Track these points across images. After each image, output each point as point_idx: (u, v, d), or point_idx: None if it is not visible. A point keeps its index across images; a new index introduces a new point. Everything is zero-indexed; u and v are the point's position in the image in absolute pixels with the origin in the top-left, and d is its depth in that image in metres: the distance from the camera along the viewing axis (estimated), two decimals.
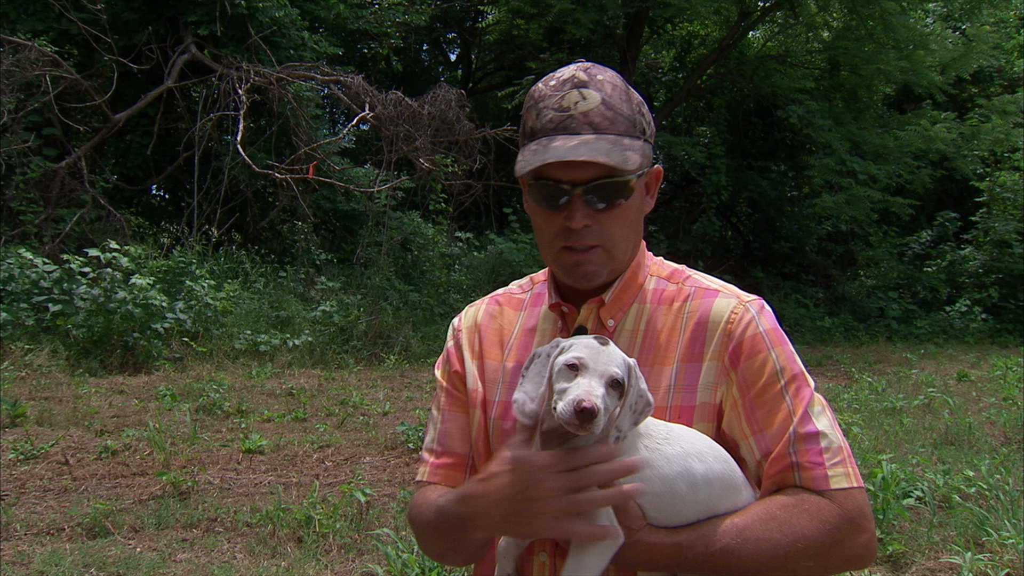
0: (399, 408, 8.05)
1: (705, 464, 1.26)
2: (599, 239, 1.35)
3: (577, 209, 1.33)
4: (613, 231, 1.36)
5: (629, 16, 17.09)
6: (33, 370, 8.34)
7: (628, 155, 1.29)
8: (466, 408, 1.51)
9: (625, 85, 1.37)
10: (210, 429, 6.76)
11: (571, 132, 1.30)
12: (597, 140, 1.29)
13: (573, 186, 1.32)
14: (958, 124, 17.89)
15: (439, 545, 1.42)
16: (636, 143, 1.32)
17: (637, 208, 1.40)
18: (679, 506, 1.25)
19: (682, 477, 1.24)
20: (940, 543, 4.35)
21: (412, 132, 12.86)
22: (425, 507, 1.43)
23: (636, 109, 1.36)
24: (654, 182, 1.44)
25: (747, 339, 1.34)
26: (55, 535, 4.38)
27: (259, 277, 12.20)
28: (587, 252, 1.36)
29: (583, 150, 1.28)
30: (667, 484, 1.24)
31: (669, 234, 18.45)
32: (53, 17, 12.28)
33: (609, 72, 1.37)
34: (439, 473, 1.49)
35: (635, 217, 1.40)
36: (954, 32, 18.90)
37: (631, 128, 1.33)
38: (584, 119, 1.31)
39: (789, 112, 17.17)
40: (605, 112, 1.32)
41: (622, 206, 1.35)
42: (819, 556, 1.26)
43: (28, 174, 11.19)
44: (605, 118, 1.31)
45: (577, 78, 1.34)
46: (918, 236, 19.33)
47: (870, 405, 8.47)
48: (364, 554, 4.24)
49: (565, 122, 1.31)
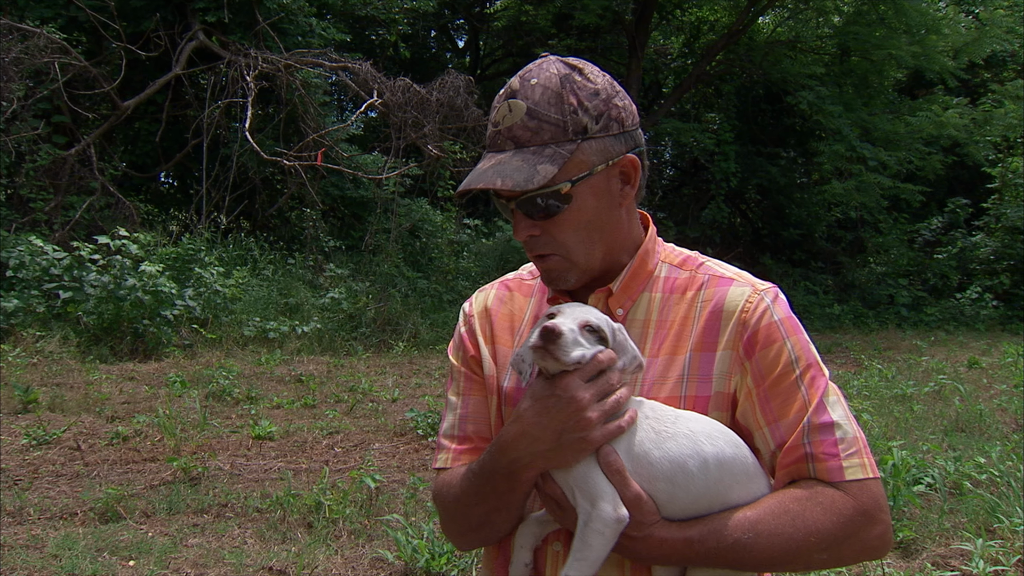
0: (408, 395, 8.07)
1: (716, 446, 1.25)
2: (549, 247, 1.35)
3: (518, 222, 1.35)
4: (563, 238, 1.34)
5: (638, 2, 17.00)
6: (44, 357, 8.39)
7: (538, 169, 1.27)
8: (485, 392, 1.50)
9: (563, 86, 1.31)
10: (220, 415, 6.79)
11: (497, 149, 1.32)
12: (512, 158, 1.29)
13: (508, 200, 1.34)
14: (970, 110, 17.76)
15: (481, 508, 1.38)
16: (562, 149, 1.29)
17: (594, 209, 1.34)
18: (691, 488, 1.24)
19: (692, 457, 1.23)
20: (951, 530, 4.34)
21: (420, 119, 12.83)
22: (455, 481, 1.42)
23: (572, 110, 1.30)
24: (631, 171, 1.37)
25: (762, 328, 1.32)
26: (68, 519, 4.41)
27: (268, 264, 12.23)
28: (545, 259, 1.37)
29: (489, 174, 1.29)
30: (677, 465, 1.23)
31: (678, 221, 18.40)
32: (61, 4, 12.28)
33: (549, 72, 1.32)
34: (463, 459, 1.46)
35: (592, 218, 1.35)
36: (967, 16, 18.71)
37: (560, 133, 1.29)
38: (508, 134, 1.31)
39: (799, 98, 17.06)
40: (528, 123, 1.30)
41: (565, 213, 1.32)
42: (832, 549, 1.24)
43: (38, 161, 11.21)
44: (527, 130, 1.30)
45: (511, 87, 1.33)
46: (929, 223, 19.22)
47: (880, 392, 8.45)
48: (374, 540, 4.26)
49: (494, 139, 1.33)
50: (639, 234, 1.45)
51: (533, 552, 1.37)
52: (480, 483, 1.35)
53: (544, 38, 18.42)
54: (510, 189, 1.27)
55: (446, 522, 1.49)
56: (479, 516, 1.40)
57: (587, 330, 1.24)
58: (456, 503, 1.42)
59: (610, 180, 1.35)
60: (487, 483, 1.34)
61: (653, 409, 1.27)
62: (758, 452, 1.31)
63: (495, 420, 1.47)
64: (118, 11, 12.13)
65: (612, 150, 1.34)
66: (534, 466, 1.28)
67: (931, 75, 17.48)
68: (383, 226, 13.53)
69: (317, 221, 13.18)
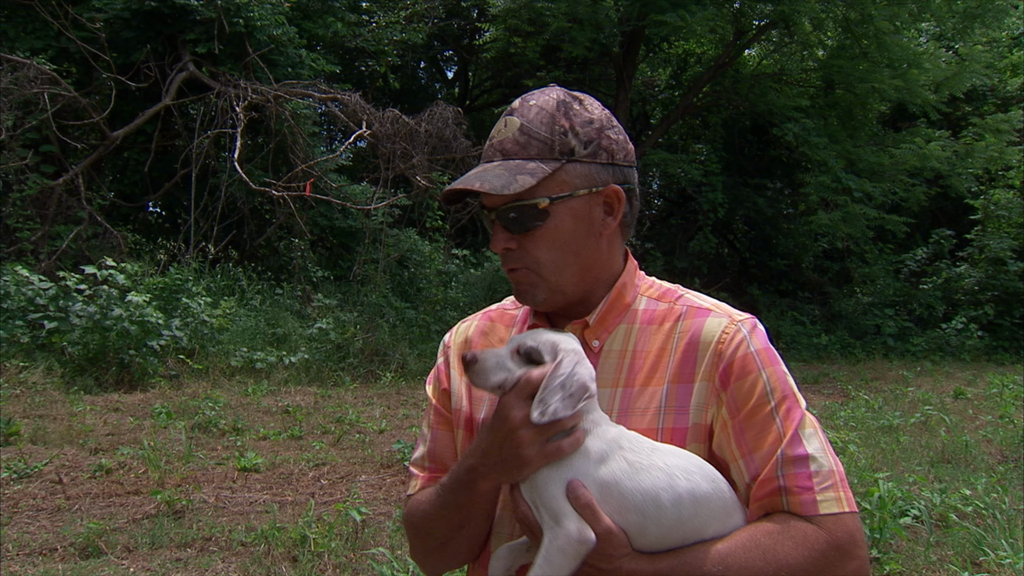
0: (395, 426, 8.03)
1: (691, 481, 1.25)
2: (522, 262, 1.38)
3: (496, 233, 1.39)
4: (537, 255, 1.37)
5: (625, 34, 17.22)
6: (28, 388, 8.31)
7: (517, 179, 1.31)
8: (451, 427, 1.52)
9: (558, 109, 1.36)
10: (205, 447, 6.73)
11: (486, 160, 1.38)
12: (496, 167, 1.34)
13: (490, 210, 1.38)
14: (952, 142, 17.99)
15: (445, 524, 1.41)
16: (545, 166, 1.33)
17: (570, 231, 1.36)
18: (663, 522, 1.23)
19: (665, 491, 1.23)
20: (937, 563, 4.34)
21: (409, 150, 12.90)
22: (423, 499, 1.46)
23: (562, 131, 1.34)
24: (615, 202, 1.39)
25: (738, 359, 1.33)
26: (48, 555, 4.35)
27: (255, 294, 12.19)
28: (515, 273, 1.40)
29: (471, 178, 1.35)
30: (650, 497, 1.23)
31: (665, 251, 18.48)
32: (52, 35, 12.33)
33: (549, 96, 1.38)
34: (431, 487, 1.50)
35: (568, 239, 1.36)
36: (947, 51, 19.03)
37: (545, 151, 1.34)
38: (499, 147, 1.37)
39: (785, 130, 17.26)
40: (518, 138, 1.35)
41: (541, 229, 1.35)
42: None
43: (25, 191, 11.19)
44: (517, 143, 1.35)
45: (512, 107, 1.41)
46: (914, 253, 19.39)
47: (867, 423, 8.46)
48: (359, 574, 4.22)
49: (487, 151, 1.40)
50: (619, 267, 1.46)
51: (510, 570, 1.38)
52: (445, 494, 1.39)
53: (533, 70, 18.61)
54: (487, 192, 1.31)
55: (413, 542, 1.54)
56: (443, 533, 1.43)
57: (518, 354, 1.29)
58: (423, 519, 1.45)
59: (592, 207, 1.38)
60: (451, 493, 1.38)
61: (630, 441, 1.28)
62: (734, 484, 1.31)
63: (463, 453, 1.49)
64: (108, 42, 12.19)
65: (598, 178, 1.37)
66: (488, 477, 1.32)
67: (914, 108, 17.73)
68: (371, 256, 13.53)
69: (305, 251, 13.17)
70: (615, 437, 1.28)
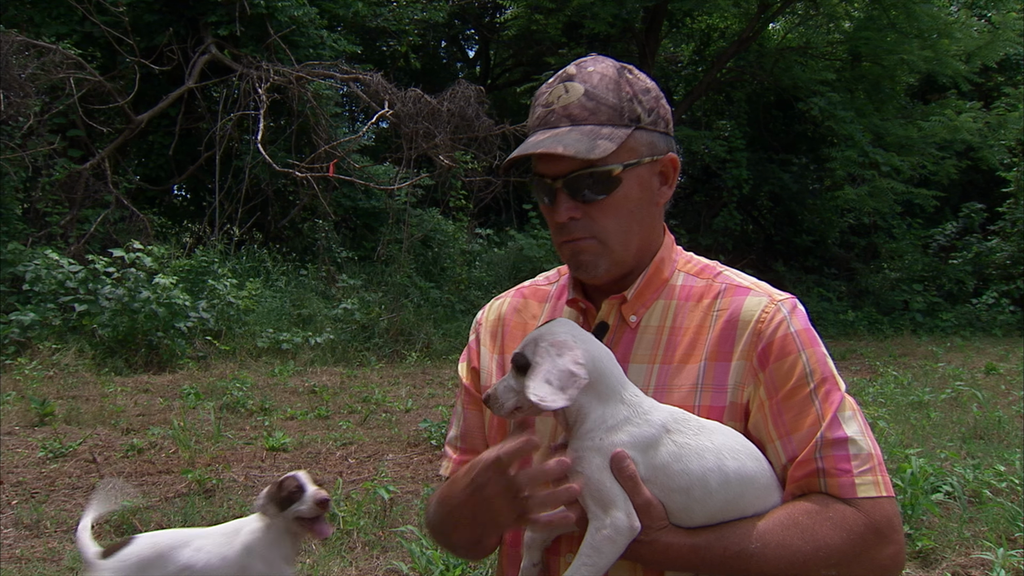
0: (421, 405, 8.07)
1: (738, 461, 1.24)
2: (588, 231, 1.34)
3: (561, 203, 1.33)
4: (605, 223, 1.33)
5: (648, 10, 17.00)
6: (60, 369, 8.44)
7: (598, 143, 1.27)
8: (481, 407, 1.50)
9: (620, 75, 1.34)
10: (234, 427, 6.81)
11: (550, 127, 1.31)
12: (569, 132, 1.29)
13: (554, 179, 1.32)
14: (984, 113, 17.64)
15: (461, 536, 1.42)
16: (619, 132, 1.30)
17: (637, 199, 1.35)
18: (709, 503, 1.23)
19: (713, 473, 1.22)
20: (971, 539, 4.29)
21: (431, 129, 12.86)
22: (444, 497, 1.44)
23: (628, 97, 1.32)
24: (671, 171, 1.39)
25: (777, 339, 1.31)
26: None
27: (280, 275, 12.27)
28: (579, 243, 1.35)
29: (547, 142, 1.28)
30: (697, 479, 1.22)
31: (690, 228, 18.33)
32: (76, 20, 12.40)
33: (606, 63, 1.36)
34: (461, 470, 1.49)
35: (634, 208, 1.35)
36: (979, 20, 18.61)
37: (616, 117, 1.31)
38: (563, 112, 1.31)
39: (810, 104, 17.00)
40: (586, 103, 1.31)
41: (611, 198, 1.32)
42: (842, 565, 1.23)
43: (54, 176, 11.31)
44: (585, 109, 1.31)
45: (567, 72, 1.36)
46: (943, 228, 19.08)
47: (896, 399, 8.37)
48: (388, 551, 4.25)
49: (547, 117, 1.33)
50: (660, 240, 1.44)
51: (541, 553, 1.37)
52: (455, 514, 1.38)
53: (554, 47, 18.43)
54: (572, 156, 1.26)
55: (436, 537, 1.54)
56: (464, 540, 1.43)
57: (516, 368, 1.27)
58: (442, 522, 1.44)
59: (652, 175, 1.37)
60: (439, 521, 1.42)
61: (677, 422, 1.26)
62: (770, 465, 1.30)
63: (493, 432, 1.48)
64: (132, 26, 12.24)
65: (658, 146, 1.36)
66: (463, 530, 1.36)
67: (944, 79, 17.38)
68: (395, 236, 13.56)
69: (329, 232, 13.22)
70: (662, 421, 1.25)
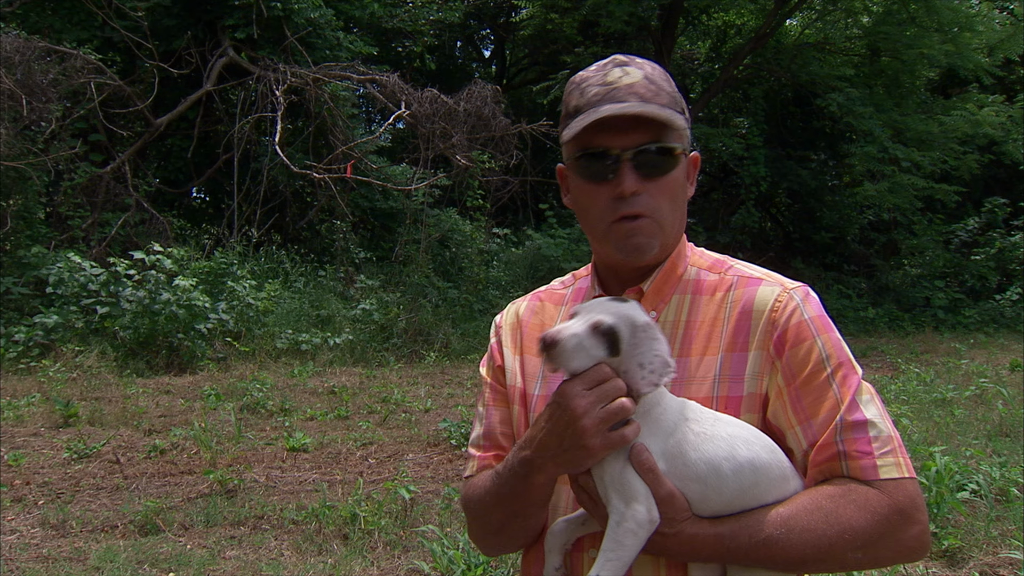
0: (440, 405, 8.08)
1: (751, 451, 1.24)
2: (648, 208, 1.34)
3: (626, 175, 1.32)
4: (661, 203, 1.35)
5: (664, 7, 16.92)
6: (83, 371, 8.53)
7: (676, 117, 1.32)
8: (508, 402, 1.51)
9: (664, 69, 1.41)
10: (254, 428, 6.84)
11: (618, 100, 1.31)
12: (645, 104, 1.31)
13: (623, 151, 1.32)
14: (1007, 107, 17.41)
15: (500, 513, 1.39)
16: (679, 117, 1.34)
17: (682, 186, 1.39)
18: (724, 491, 1.23)
19: (727, 460, 1.23)
20: (998, 538, 4.23)
21: (448, 129, 12.88)
22: (480, 484, 1.44)
23: (676, 89, 1.39)
24: (692, 169, 1.44)
25: (792, 327, 1.32)
26: (109, 532, 4.47)
27: (299, 276, 12.33)
28: (637, 221, 1.34)
29: (635, 108, 1.30)
30: (712, 467, 1.22)
31: (708, 226, 18.25)
32: (97, 25, 12.54)
33: (643, 59, 1.41)
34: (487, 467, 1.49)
35: (680, 195, 1.39)
36: (1001, 12, 18.37)
37: (674, 103, 1.35)
38: (629, 89, 1.32)
39: (828, 100, 16.85)
40: (649, 86, 1.34)
41: (669, 177, 1.35)
42: (868, 547, 1.22)
43: (75, 180, 11.44)
44: (649, 90, 1.33)
45: (618, 59, 1.39)
46: (965, 223, 18.86)
47: (919, 396, 8.29)
48: (410, 551, 4.26)
49: (611, 93, 1.32)
50: (681, 234, 1.47)
51: (563, 556, 1.37)
52: (500, 483, 1.36)
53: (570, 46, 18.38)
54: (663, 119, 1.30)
55: (471, 525, 1.52)
56: (498, 521, 1.42)
57: (598, 332, 1.21)
58: (479, 504, 1.44)
59: (687, 167, 1.42)
60: (505, 484, 1.35)
61: (694, 411, 1.27)
62: (790, 452, 1.30)
63: (519, 430, 1.48)
64: (150, 31, 12.36)
65: (690, 142, 1.41)
66: (545, 469, 1.28)
67: (965, 73, 17.15)
68: (413, 237, 13.59)
69: (347, 233, 13.27)
70: (680, 408, 1.27)
